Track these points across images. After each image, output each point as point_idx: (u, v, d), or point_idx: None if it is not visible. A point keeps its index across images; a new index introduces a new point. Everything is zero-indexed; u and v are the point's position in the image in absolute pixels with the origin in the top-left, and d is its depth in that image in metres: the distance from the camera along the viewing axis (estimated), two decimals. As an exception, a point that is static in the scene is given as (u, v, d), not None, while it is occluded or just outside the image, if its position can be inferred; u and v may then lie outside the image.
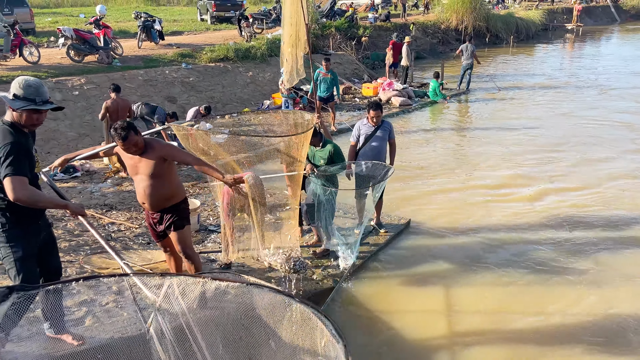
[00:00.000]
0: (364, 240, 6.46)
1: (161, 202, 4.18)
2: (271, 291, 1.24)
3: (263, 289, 1.24)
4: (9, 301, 1.25)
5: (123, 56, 13.97)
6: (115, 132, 3.87)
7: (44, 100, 3.15)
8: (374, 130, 6.19)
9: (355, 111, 13.50)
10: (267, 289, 1.24)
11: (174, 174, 4.24)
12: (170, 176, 4.18)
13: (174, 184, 4.24)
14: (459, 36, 25.51)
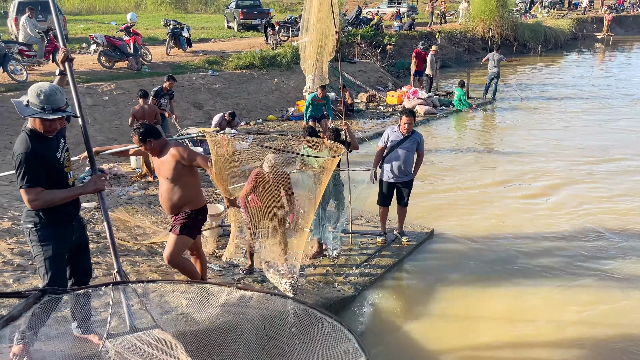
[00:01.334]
0: (386, 249, 6.44)
1: (176, 206, 4.23)
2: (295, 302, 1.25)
3: (287, 300, 1.25)
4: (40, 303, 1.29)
5: (152, 63, 14.24)
6: (134, 132, 4.05)
7: (54, 109, 3.13)
8: (403, 139, 6.17)
9: (379, 119, 13.48)
10: (290, 299, 1.25)
11: (192, 180, 4.24)
12: (188, 182, 4.18)
13: (191, 191, 4.24)
14: (485, 45, 25.26)
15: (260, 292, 1.22)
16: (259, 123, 12.67)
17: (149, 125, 4.18)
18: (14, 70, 10.97)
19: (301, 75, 15.51)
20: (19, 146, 3.20)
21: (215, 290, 1.29)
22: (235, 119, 11.16)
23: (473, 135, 12.68)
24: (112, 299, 3.81)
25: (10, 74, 10.88)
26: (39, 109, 3.10)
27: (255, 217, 5.07)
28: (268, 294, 1.21)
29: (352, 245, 6.43)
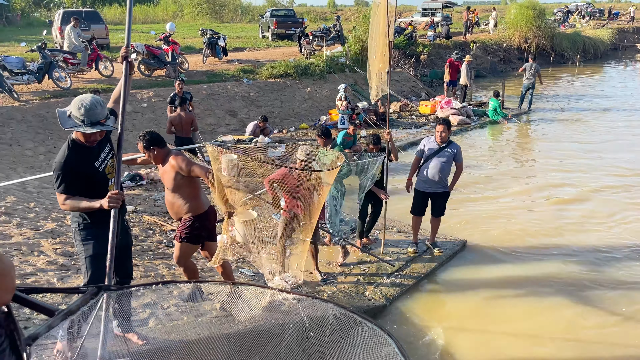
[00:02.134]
0: (418, 259, 6.40)
1: (177, 213, 4.37)
2: (336, 306, 1.28)
3: (328, 304, 1.29)
4: (98, 298, 1.37)
5: (189, 71, 14.60)
6: (139, 139, 4.18)
7: (93, 122, 3.22)
8: (439, 149, 6.15)
9: (411, 129, 13.43)
10: (331, 303, 1.29)
11: (191, 189, 4.30)
12: (187, 191, 4.26)
13: (191, 199, 4.31)
14: (521, 55, 24.88)
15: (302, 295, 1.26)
16: (292, 131, 12.80)
17: (155, 134, 4.28)
18: (59, 77, 11.43)
19: (333, 84, 15.66)
20: (59, 154, 3.41)
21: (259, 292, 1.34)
22: (268, 124, 11.32)
23: (507, 146, 12.49)
24: (151, 299, 3.93)
25: (55, 81, 11.34)
26: (79, 121, 3.21)
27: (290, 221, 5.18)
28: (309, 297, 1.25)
29: (383, 255, 6.41)
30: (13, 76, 10.81)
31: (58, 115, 3.24)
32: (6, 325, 1.34)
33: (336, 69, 16.70)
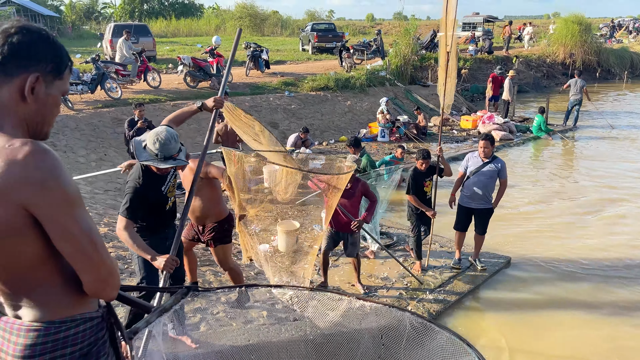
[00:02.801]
0: (461, 275, 6.32)
1: (200, 218, 4.43)
2: (412, 314, 1.32)
3: (404, 312, 1.33)
4: (188, 297, 1.46)
5: (232, 83, 14.94)
6: None
7: (166, 157, 3.29)
8: (482, 165, 6.10)
9: (452, 143, 13.32)
10: (407, 312, 1.32)
11: (212, 193, 4.39)
12: (207, 194, 4.34)
13: (212, 203, 4.39)
14: (565, 70, 24.35)
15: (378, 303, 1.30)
16: (332, 143, 12.90)
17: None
18: (110, 88, 11.91)
19: (374, 98, 15.72)
20: (132, 177, 3.52)
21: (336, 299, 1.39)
22: (309, 136, 11.45)
23: (552, 163, 12.21)
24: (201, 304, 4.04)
25: (107, 92, 11.82)
26: (153, 155, 3.29)
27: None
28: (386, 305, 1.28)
29: (421, 273, 6.37)
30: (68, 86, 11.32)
31: (134, 145, 3.31)
32: (107, 319, 1.45)
33: (376, 82, 16.76)
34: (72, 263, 1.30)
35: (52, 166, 1.22)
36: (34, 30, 1.31)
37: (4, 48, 1.26)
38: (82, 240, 1.27)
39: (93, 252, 1.30)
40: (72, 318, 1.36)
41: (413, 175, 6.08)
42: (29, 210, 1.21)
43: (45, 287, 1.34)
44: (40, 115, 1.36)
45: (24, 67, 1.29)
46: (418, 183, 6.07)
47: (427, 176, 6.10)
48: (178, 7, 46.18)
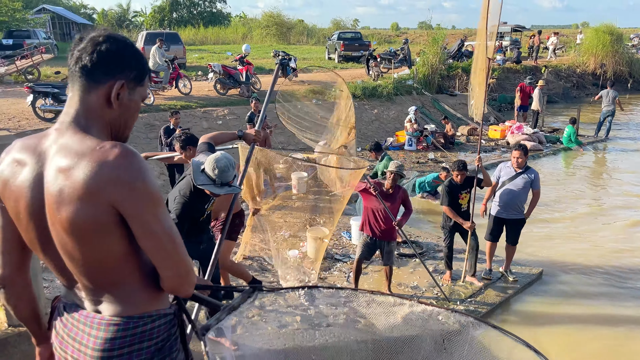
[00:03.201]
0: (492, 286, 6.25)
1: (215, 212, 4.48)
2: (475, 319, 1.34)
3: (468, 317, 1.35)
4: (253, 298, 1.51)
5: (260, 90, 15.12)
6: (176, 139, 4.46)
7: (223, 183, 3.34)
8: (515, 175, 6.06)
9: (480, 153, 13.18)
10: (471, 317, 1.35)
11: None
12: None
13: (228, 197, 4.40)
14: (595, 81, 23.93)
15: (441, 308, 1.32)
16: (358, 151, 12.92)
17: (190, 134, 4.56)
18: (143, 94, 12.17)
19: (400, 106, 15.71)
20: (183, 191, 3.63)
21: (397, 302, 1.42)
22: (337, 146, 11.49)
23: (583, 175, 12.01)
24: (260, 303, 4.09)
25: (140, 98, 12.09)
26: (210, 180, 3.35)
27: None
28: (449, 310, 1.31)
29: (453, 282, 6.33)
30: (103, 92, 11.62)
31: (193, 166, 3.37)
32: (179, 315, 1.52)
33: (403, 91, 16.76)
34: (154, 259, 1.36)
35: (140, 168, 1.29)
36: (120, 39, 1.39)
37: (93, 56, 1.34)
38: (163, 238, 1.33)
39: (173, 249, 1.36)
40: (148, 314, 1.43)
41: (448, 187, 5.96)
42: (117, 209, 1.28)
43: (125, 283, 1.40)
44: (123, 119, 1.44)
45: (111, 74, 1.37)
46: (453, 195, 5.92)
47: (464, 188, 5.93)
48: (206, 15, 46.97)
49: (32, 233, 1.39)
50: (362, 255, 5.64)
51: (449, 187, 5.95)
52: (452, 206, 5.92)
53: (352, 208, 8.86)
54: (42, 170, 1.33)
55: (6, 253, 1.47)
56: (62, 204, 1.27)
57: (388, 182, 5.48)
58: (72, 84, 1.39)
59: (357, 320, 3.88)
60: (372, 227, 5.48)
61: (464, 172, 5.87)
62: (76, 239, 1.30)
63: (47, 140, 1.37)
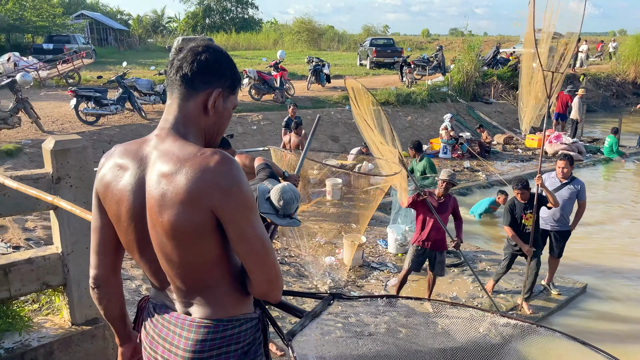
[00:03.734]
0: (533, 299, 6.09)
1: None
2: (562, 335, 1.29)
3: (554, 332, 1.31)
4: (332, 306, 1.51)
5: (294, 96, 15.20)
6: None
7: (285, 214, 3.29)
8: (561, 186, 5.90)
9: (517, 162, 12.95)
10: (557, 332, 1.30)
11: None
12: None
13: None
14: (636, 90, 23.27)
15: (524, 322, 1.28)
16: (392, 158, 12.84)
17: (224, 138, 4.55)
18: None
19: (435, 114, 15.56)
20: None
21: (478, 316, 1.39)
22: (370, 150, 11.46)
23: (625, 187, 11.64)
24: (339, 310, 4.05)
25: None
26: (274, 209, 3.30)
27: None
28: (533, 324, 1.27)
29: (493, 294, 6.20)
30: (142, 96, 11.88)
31: (259, 192, 3.39)
32: (262, 320, 1.53)
33: (437, 98, 16.61)
34: (246, 264, 1.39)
35: (238, 174, 1.32)
36: (217, 49, 1.42)
37: (193, 65, 1.38)
38: (256, 242, 1.36)
39: (265, 254, 1.38)
40: (236, 317, 1.46)
41: (510, 206, 5.65)
42: (215, 213, 1.31)
43: (216, 286, 1.43)
44: (217, 126, 1.47)
45: (209, 83, 1.40)
46: (515, 215, 5.60)
47: (527, 208, 5.55)
48: (238, 21, 47.63)
49: (132, 235, 1.42)
50: (412, 267, 5.52)
51: (511, 206, 5.64)
52: (514, 227, 5.61)
53: (387, 216, 8.80)
54: (144, 174, 1.37)
55: (101, 254, 1.52)
56: (164, 207, 1.31)
57: (440, 191, 5.40)
58: (171, 92, 1.43)
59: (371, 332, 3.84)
60: (423, 237, 5.39)
61: (525, 192, 5.52)
62: (176, 241, 1.33)
63: (148, 145, 1.41)
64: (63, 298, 2.69)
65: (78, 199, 2.49)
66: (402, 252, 7.36)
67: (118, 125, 10.81)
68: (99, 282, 1.54)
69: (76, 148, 2.49)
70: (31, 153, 8.49)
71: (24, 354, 2.47)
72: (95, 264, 1.53)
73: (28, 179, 2.39)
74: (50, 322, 2.68)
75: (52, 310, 2.78)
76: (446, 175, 5.36)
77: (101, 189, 1.45)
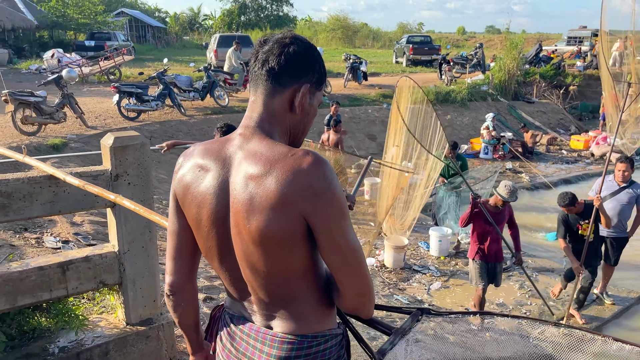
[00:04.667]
0: (586, 308, 5.83)
1: None
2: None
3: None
4: (421, 322, 1.40)
5: (331, 94, 15.09)
6: (217, 130, 4.43)
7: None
8: (619, 190, 5.61)
9: (562, 164, 12.50)
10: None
11: None
12: None
13: None
14: (688, 89, 22.18)
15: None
16: (431, 158, 12.59)
17: (231, 125, 4.61)
18: (219, 96, 12.45)
19: (475, 112, 15.19)
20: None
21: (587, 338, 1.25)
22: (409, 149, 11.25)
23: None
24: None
25: (216, 99, 12.37)
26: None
27: None
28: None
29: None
30: (181, 93, 11.98)
31: None
32: (346, 337, 1.42)
33: (478, 97, 16.21)
34: (337, 276, 1.27)
35: (331, 177, 1.20)
36: (304, 40, 1.31)
37: (280, 58, 1.26)
38: (349, 253, 1.24)
39: (358, 266, 1.26)
40: (322, 333, 1.34)
41: (563, 217, 5.41)
42: (307, 219, 1.20)
43: (301, 299, 1.32)
44: (302, 124, 1.35)
45: (296, 78, 1.28)
46: (570, 226, 5.37)
47: (583, 218, 5.30)
48: (273, 19, 47.81)
49: (213, 242, 1.32)
50: (486, 283, 5.20)
51: (563, 218, 5.39)
52: (572, 238, 5.37)
53: (428, 218, 8.61)
54: (228, 176, 1.26)
55: (178, 259, 1.42)
56: (252, 212, 1.20)
57: (498, 201, 5.02)
58: (255, 87, 1.31)
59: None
60: (484, 251, 5.12)
61: (572, 208, 5.26)
62: (263, 249, 1.22)
63: (231, 145, 1.30)
64: (118, 297, 2.64)
65: (136, 196, 2.44)
66: (445, 255, 7.17)
67: (158, 122, 10.93)
68: (176, 289, 1.44)
69: (135, 145, 2.43)
70: (76, 148, 8.64)
71: (79, 354, 2.43)
72: (171, 270, 1.43)
73: (87, 176, 2.34)
74: (105, 321, 2.64)
75: (106, 309, 2.75)
76: (506, 192, 4.90)
77: (180, 190, 1.34)
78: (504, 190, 4.90)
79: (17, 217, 2.25)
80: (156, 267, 2.62)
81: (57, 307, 2.46)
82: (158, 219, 1.88)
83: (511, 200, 4.90)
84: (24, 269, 2.30)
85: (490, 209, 5.06)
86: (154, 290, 2.63)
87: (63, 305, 2.49)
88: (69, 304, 2.55)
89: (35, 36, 27.53)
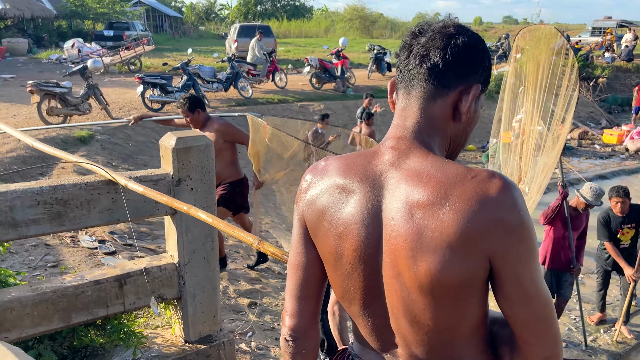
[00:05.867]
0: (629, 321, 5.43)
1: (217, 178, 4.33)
2: None
3: None
4: None
5: (355, 85, 14.78)
6: (182, 103, 4.25)
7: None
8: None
9: (595, 159, 12.09)
10: None
11: (230, 154, 4.48)
12: (226, 155, 4.41)
13: (229, 164, 4.48)
14: None
15: None
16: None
17: (197, 97, 4.53)
18: (243, 87, 12.21)
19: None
20: None
21: None
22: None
23: None
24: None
25: (240, 90, 12.13)
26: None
27: None
28: None
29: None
30: (205, 84, 11.76)
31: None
32: None
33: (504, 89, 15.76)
34: (523, 333, 0.99)
35: (524, 208, 0.93)
36: (471, 30, 1.03)
37: (446, 52, 0.98)
38: (540, 305, 0.97)
39: (550, 323, 0.98)
40: None
41: (604, 219, 4.91)
42: (491, 262, 0.94)
43: (465, 357, 1.05)
44: (465, 134, 1.08)
45: (464, 77, 1.00)
46: (610, 228, 4.89)
47: (627, 222, 4.85)
48: (289, 8, 47.34)
49: (356, 282, 1.05)
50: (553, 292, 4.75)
51: (605, 218, 4.89)
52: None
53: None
54: (380, 201, 1.00)
55: (303, 299, 1.16)
56: (421, 251, 0.93)
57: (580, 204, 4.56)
58: (409, 89, 1.04)
59: None
60: (556, 258, 4.64)
61: (626, 200, 4.74)
62: (432, 297, 0.96)
63: (381, 161, 1.03)
64: (175, 312, 2.42)
65: (198, 203, 2.20)
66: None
67: (183, 113, 10.72)
68: (299, 334, 1.17)
69: (198, 146, 2.19)
70: (102, 140, 8.46)
71: (135, 373, 2.22)
72: (293, 311, 1.16)
73: (147, 180, 2.11)
74: (161, 338, 2.43)
75: (162, 324, 2.53)
76: (590, 194, 4.41)
77: (312, 216, 1.08)
78: (589, 193, 4.43)
79: (74, 226, 2.03)
80: (217, 279, 2.40)
81: (112, 323, 2.25)
82: (239, 234, 1.64)
83: (596, 204, 4.44)
84: (79, 283, 2.08)
85: (571, 210, 4.56)
86: (214, 305, 2.41)
87: (119, 321, 2.27)
88: (124, 320, 2.34)
89: (53, 26, 27.50)
